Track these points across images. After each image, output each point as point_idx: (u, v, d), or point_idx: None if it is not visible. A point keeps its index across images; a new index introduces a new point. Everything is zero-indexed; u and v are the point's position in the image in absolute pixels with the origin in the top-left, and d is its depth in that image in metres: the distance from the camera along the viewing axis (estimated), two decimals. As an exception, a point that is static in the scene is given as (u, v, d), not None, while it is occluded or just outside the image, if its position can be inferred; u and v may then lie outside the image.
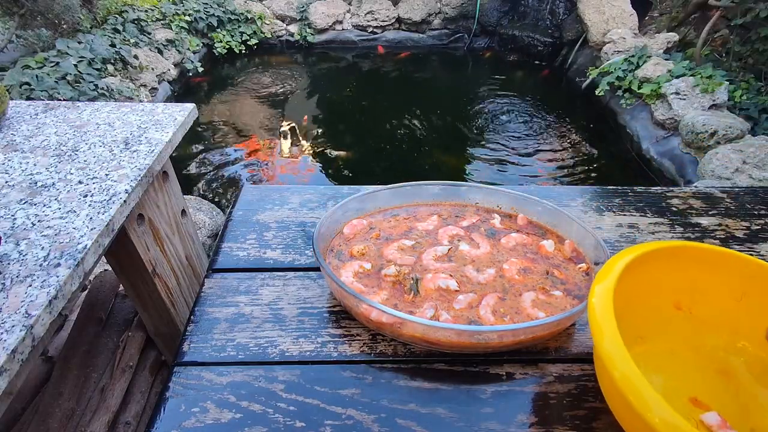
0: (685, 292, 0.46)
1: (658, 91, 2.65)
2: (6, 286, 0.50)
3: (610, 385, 0.34)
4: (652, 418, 0.30)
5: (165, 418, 0.42)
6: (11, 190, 0.65)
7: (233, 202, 0.69)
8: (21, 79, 2.23)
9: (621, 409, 0.36)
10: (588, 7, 3.46)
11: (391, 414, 0.42)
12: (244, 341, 0.48)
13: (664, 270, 0.45)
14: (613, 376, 0.32)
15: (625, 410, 0.35)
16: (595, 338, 0.36)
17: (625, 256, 0.42)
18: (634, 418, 0.31)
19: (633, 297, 0.41)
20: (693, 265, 0.45)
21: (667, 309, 0.47)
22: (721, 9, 2.86)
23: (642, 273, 0.42)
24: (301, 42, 4.20)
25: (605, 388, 0.39)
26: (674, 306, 0.47)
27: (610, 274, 0.40)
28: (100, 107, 0.88)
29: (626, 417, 0.36)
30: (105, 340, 1.02)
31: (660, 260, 0.44)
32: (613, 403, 0.37)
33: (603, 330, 0.35)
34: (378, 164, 2.83)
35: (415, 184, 0.62)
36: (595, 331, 0.36)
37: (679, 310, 0.47)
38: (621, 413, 0.36)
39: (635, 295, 0.42)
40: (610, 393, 0.38)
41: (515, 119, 3.19)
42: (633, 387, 0.31)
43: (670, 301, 0.47)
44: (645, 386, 0.31)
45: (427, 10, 4.22)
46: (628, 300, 0.39)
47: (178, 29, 3.61)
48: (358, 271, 0.52)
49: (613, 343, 0.34)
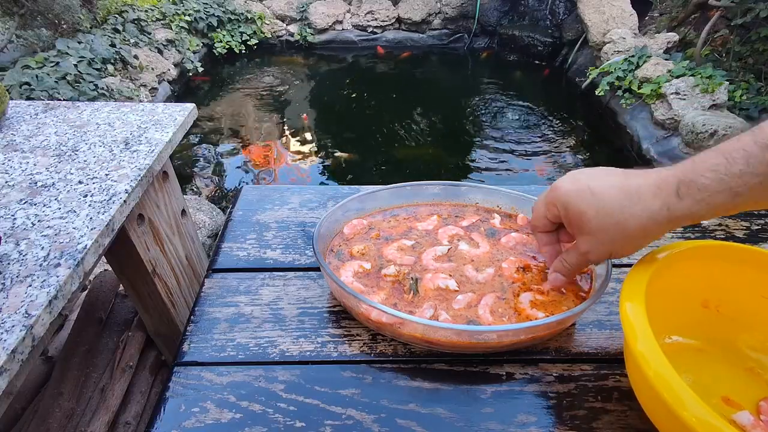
0: (712, 290, 0.47)
1: (658, 91, 2.65)
2: (6, 286, 0.50)
3: (644, 384, 0.35)
4: (689, 417, 0.30)
5: (165, 418, 0.42)
6: (11, 190, 0.65)
7: (233, 202, 0.69)
8: (21, 79, 2.23)
9: (655, 408, 0.37)
10: (588, 7, 3.46)
11: (391, 414, 0.42)
12: (244, 341, 0.48)
13: (690, 269, 0.45)
14: (648, 375, 0.33)
15: (659, 409, 0.36)
16: (629, 339, 0.36)
17: (654, 256, 0.42)
18: (670, 416, 0.32)
19: (661, 297, 0.41)
20: (719, 263, 0.45)
21: (695, 308, 0.47)
22: (721, 9, 2.86)
23: (669, 273, 0.43)
24: (301, 42, 4.20)
25: (638, 387, 0.39)
26: (702, 305, 0.47)
27: (639, 275, 0.40)
28: (100, 107, 0.88)
29: (661, 416, 0.36)
30: (105, 340, 1.02)
31: (686, 260, 0.44)
32: (647, 402, 0.38)
33: (636, 330, 0.36)
34: (378, 164, 2.83)
35: (415, 184, 0.62)
36: (628, 331, 0.36)
37: (707, 308, 0.47)
38: (655, 412, 0.37)
39: (663, 296, 0.42)
40: (643, 392, 0.38)
41: (515, 119, 3.19)
42: (668, 386, 0.32)
43: (697, 300, 0.47)
44: (680, 385, 0.32)
45: (427, 10, 4.22)
46: (656, 300, 0.40)
47: (178, 29, 3.61)
48: (358, 271, 0.52)
49: (647, 343, 0.35)
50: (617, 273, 0.54)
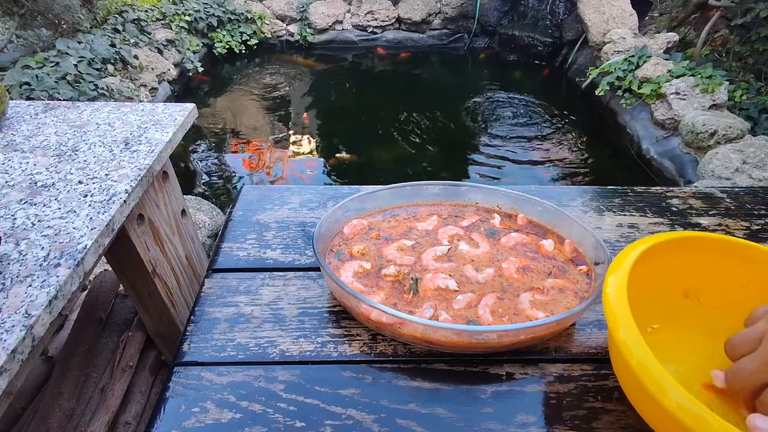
0: (693, 280, 0.47)
1: (658, 91, 2.65)
2: (6, 286, 0.50)
3: (627, 372, 0.35)
4: (669, 403, 0.31)
5: (165, 418, 0.42)
6: (11, 190, 0.65)
7: (233, 202, 0.69)
8: (21, 79, 2.23)
9: (638, 396, 0.37)
10: (588, 7, 3.46)
11: (391, 414, 0.42)
12: (244, 341, 0.48)
13: (671, 260, 0.46)
14: (630, 363, 0.33)
15: (642, 397, 0.36)
16: (611, 327, 0.37)
17: (636, 247, 0.43)
18: (652, 404, 0.32)
19: (643, 287, 0.42)
20: (700, 254, 0.46)
21: (676, 298, 0.48)
22: (721, 9, 2.86)
23: (651, 264, 0.43)
24: (301, 42, 4.20)
25: (621, 376, 0.40)
26: (683, 294, 0.48)
27: (622, 265, 0.41)
28: (100, 107, 0.88)
29: (643, 403, 0.37)
30: (105, 340, 1.02)
31: (667, 251, 0.45)
32: (630, 390, 0.39)
33: (618, 319, 0.36)
34: (377, 164, 2.83)
35: (415, 184, 0.62)
36: (611, 320, 0.37)
37: (688, 298, 0.48)
38: (638, 400, 0.37)
39: (645, 285, 0.43)
40: (626, 380, 0.39)
41: (515, 119, 3.19)
42: (649, 374, 0.32)
43: (678, 289, 0.48)
44: (661, 373, 0.32)
45: (427, 10, 4.22)
46: (639, 290, 0.40)
47: (178, 29, 3.61)
48: (358, 271, 0.52)
49: (629, 331, 0.35)
50: (617, 273, 0.54)
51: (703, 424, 0.29)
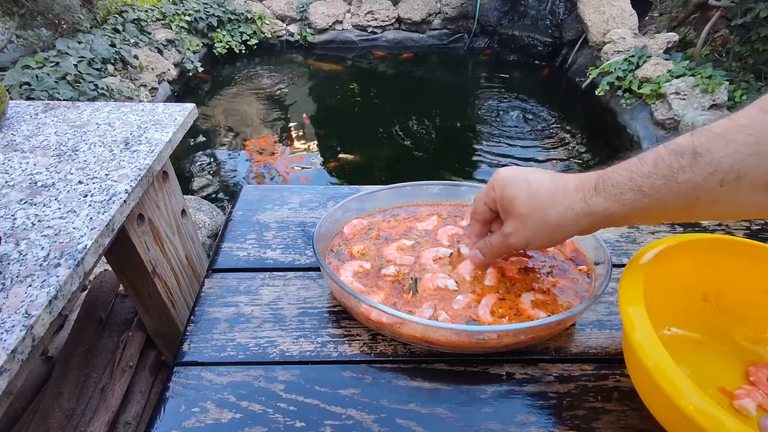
0: (713, 283, 0.47)
1: (658, 91, 2.65)
2: (6, 286, 0.50)
3: (643, 374, 0.35)
4: (687, 405, 0.30)
5: (165, 418, 0.42)
6: (11, 190, 0.65)
7: (233, 202, 0.69)
8: (21, 79, 2.23)
9: (653, 398, 0.37)
10: (588, 7, 3.45)
11: (391, 414, 0.42)
12: (244, 341, 0.48)
13: (690, 262, 0.45)
14: (646, 365, 0.33)
15: (658, 398, 0.36)
16: (627, 329, 0.36)
17: (653, 248, 0.43)
18: (668, 406, 0.32)
19: (660, 289, 0.42)
20: (720, 257, 0.45)
21: (695, 301, 0.48)
22: (721, 9, 2.86)
23: (668, 265, 0.43)
24: (301, 42, 4.20)
25: (636, 377, 0.39)
26: (702, 299, 0.48)
27: (638, 266, 0.41)
28: (100, 107, 0.88)
29: (659, 405, 0.36)
30: (105, 340, 1.02)
31: (686, 253, 0.45)
32: (645, 391, 0.38)
33: (634, 321, 0.36)
34: (377, 163, 2.83)
35: (415, 184, 0.62)
36: (627, 321, 0.36)
37: (707, 302, 0.47)
38: (653, 402, 0.37)
39: (662, 288, 0.42)
40: (642, 382, 0.39)
41: (515, 119, 3.19)
42: (666, 376, 0.32)
43: (697, 293, 0.47)
44: (678, 375, 0.32)
45: (427, 10, 4.22)
46: (655, 292, 0.40)
47: (178, 29, 3.60)
48: (358, 271, 0.52)
49: (645, 333, 0.35)
50: (617, 273, 0.54)
51: (720, 426, 0.29)
